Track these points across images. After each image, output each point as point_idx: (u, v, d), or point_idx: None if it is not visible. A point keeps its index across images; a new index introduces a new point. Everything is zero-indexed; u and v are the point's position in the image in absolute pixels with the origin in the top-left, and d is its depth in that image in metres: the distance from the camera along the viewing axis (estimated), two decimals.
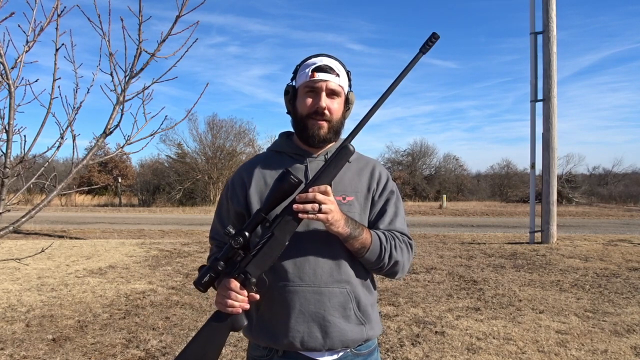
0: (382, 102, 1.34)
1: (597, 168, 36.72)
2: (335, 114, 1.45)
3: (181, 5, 1.63)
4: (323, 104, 1.41)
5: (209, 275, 1.31)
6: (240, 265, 1.31)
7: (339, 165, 1.33)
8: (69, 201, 30.41)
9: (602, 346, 3.85)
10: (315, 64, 1.43)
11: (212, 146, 29.46)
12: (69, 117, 1.71)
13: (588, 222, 16.07)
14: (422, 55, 1.34)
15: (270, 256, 1.30)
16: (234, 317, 1.32)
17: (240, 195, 1.47)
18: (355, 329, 1.40)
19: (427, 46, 1.33)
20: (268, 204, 1.31)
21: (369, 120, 1.36)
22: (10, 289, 5.77)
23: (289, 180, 1.27)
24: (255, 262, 1.30)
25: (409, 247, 1.46)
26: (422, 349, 3.80)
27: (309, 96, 1.43)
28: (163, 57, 1.68)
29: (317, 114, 1.42)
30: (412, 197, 33.38)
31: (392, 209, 1.48)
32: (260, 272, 1.31)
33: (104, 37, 1.64)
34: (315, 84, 1.41)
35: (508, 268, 7.21)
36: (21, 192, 1.70)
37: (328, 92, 1.43)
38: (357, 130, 1.35)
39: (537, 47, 9.90)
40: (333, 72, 1.43)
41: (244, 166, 1.54)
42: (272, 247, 1.29)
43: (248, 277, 1.29)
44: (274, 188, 1.30)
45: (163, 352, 3.73)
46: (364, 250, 1.36)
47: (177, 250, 9.05)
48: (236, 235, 1.29)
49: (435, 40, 1.33)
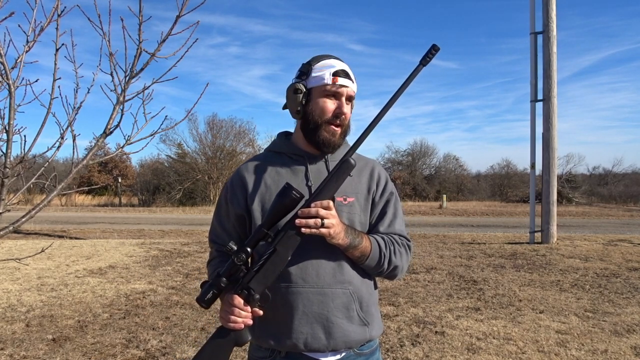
0: (383, 114, 1.35)
1: (597, 168, 36.78)
2: (348, 120, 1.46)
3: (181, 6, 1.63)
4: (347, 111, 1.43)
5: (212, 292, 1.31)
6: (243, 281, 1.30)
7: (340, 179, 1.33)
8: (69, 201, 30.41)
9: (602, 346, 3.85)
10: (333, 67, 1.42)
11: (212, 146, 29.48)
12: (69, 117, 1.71)
13: (588, 222, 16.07)
14: (423, 68, 1.34)
15: (273, 272, 1.30)
16: (237, 332, 1.32)
17: (240, 197, 1.46)
18: (358, 329, 1.40)
19: (427, 58, 1.34)
20: (269, 219, 1.30)
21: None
22: (10, 289, 5.77)
23: (291, 195, 1.27)
24: (258, 278, 1.30)
25: (407, 250, 1.47)
26: (422, 349, 3.80)
27: (331, 101, 1.42)
28: (163, 57, 1.68)
29: (337, 120, 1.42)
30: (412, 197, 33.38)
31: (391, 211, 1.49)
32: (264, 288, 1.30)
33: (104, 37, 1.64)
34: (338, 89, 1.41)
35: (508, 268, 7.21)
36: (21, 192, 1.70)
37: (347, 98, 1.44)
38: (358, 144, 1.35)
39: (537, 47, 9.90)
40: (350, 78, 1.44)
41: (243, 167, 1.52)
42: (274, 263, 1.29)
43: (251, 294, 1.29)
44: (275, 203, 1.29)
45: (163, 352, 3.73)
46: (363, 258, 1.37)
47: (177, 250, 9.05)
48: (238, 252, 1.28)
49: (435, 52, 1.33)
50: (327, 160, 1.48)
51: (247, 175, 1.48)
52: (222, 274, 1.31)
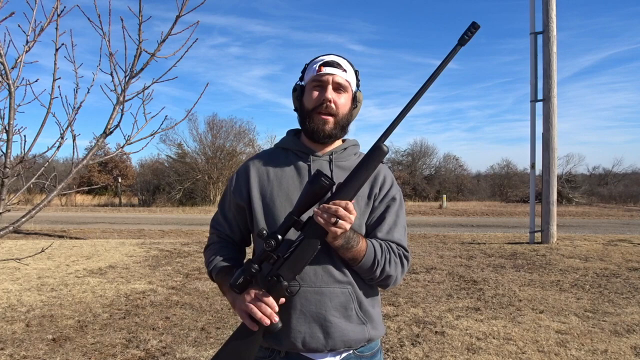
0: (418, 99, 1.27)
1: (597, 168, 36.76)
2: (341, 109, 1.44)
3: (181, 6, 1.63)
4: (329, 96, 1.41)
5: (243, 278, 1.29)
6: (273, 268, 1.29)
7: (370, 167, 1.28)
8: (69, 201, 30.41)
9: (602, 346, 3.85)
10: (322, 60, 1.45)
11: (212, 146, 29.47)
12: (69, 117, 1.71)
13: (588, 222, 16.06)
14: (461, 48, 1.25)
15: (303, 259, 1.28)
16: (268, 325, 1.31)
17: (243, 188, 1.48)
18: (357, 328, 1.39)
19: (465, 37, 1.23)
20: (299, 206, 1.28)
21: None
22: (10, 289, 5.77)
23: (321, 182, 1.24)
24: (288, 265, 1.28)
25: (403, 261, 1.43)
26: (422, 349, 3.80)
27: (316, 90, 1.44)
28: (163, 57, 1.68)
29: (323, 108, 1.42)
30: (412, 197, 33.39)
31: (391, 217, 1.45)
32: (294, 275, 1.29)
33: (104, 37, 1.64)
34: (322, 77, 1.42)
35: (508, 268, 7.21)
36: (21, 192, 1.70)
37: (335, 86, 1.43)
38: (391, 129, 1.28)
39: (537, 47, 9.89)
40: (340, 67, 1.44)
41: (250, 160, 1.55)
42: (304, 250, 1.27)
43: (280, 281, 1.28)
44: (305, 190, 1.28)
45: (163, 352, 3.73)
46: (355, 261, 1.35)
47: (177, 250, 9.04)
48: (268, 238, 1.26)
49: (475, 30, 1.22)
50: (332, 160, 1.48)
51: (252, 168, 1.50)
52: (254, 261, 1.29)
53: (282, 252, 1.28)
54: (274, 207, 1.42)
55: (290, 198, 1.42)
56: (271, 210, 1.42)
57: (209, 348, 3.83)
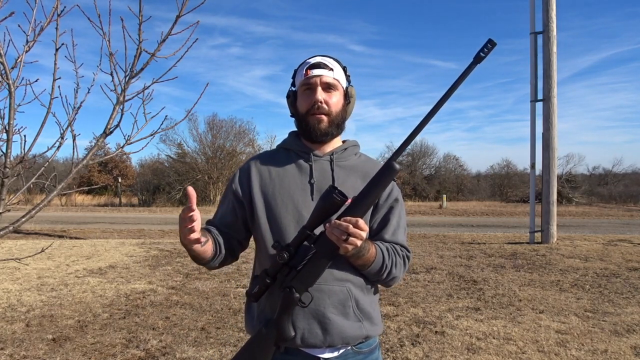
0: (430, 118, 1.26)
1: (597, 168, 36.70)
2: (334, 107, 1.47)
3: (181, 6, 1.63)
4: (319, 97, 1.44)
5: (258, 287, 1.34)
6: (286, 279, 1.32)
7: (382, 185, 1.29)
8: (69, 201, 30.39)
9: (602, 346, 3.85)
10: (309, 63, 1.48)
11: (212, 146, 29.45)
12: (69, 117, 1.71)
13: (588, 222, 16.06)
14: (476, 66, 1.24)
15: (315, 273, 1.30)
16: (280, 329, 1.34)
17: (245, 185, 1.50)
18: (354, 325, 1.41)
19: (481, 54, 1.22)
20: (313, 220, 1.30)
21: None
22: (10, 289, 5.77)
23: (332, 198, 1.24)
24: (300, 278, 1.30)
25: (406, 261, 1.48)
26: (422, 349, 3.80)
27: (306, 94, 1.47)
28: (163, 57, 1.69)
29: (316, 109, 1.44)
30: (412, 197, 33.37)
31: (395, 219, 1.48)
32: (305, 288, 1.31)
33: (104, 37, 1.64)
34: (310, 80, 1.45)
35: (508, 268, 7.21)
36: (21, 192, 1.70)
37: (324, 87, 1.46)
38: (402, 149, 1.28)
39: (537, 47, 9.89)
40: (326, 67, 1.46)
41: (253, 159, 1.57)
42: (315, 265, 1.29)
43: (293, 292, 1.30)
44: (318, 205, 1.28)
45: (163, 352, 3.73)
46: (364, 267, 1.38)
47: (177, 250, 9.04)
48: (282, 251, 1.29)
49: (492, 47, 1.21)
50: (333, 160, 1.49)
51: (254, 167, 1.52)
52: (269, 273, 1.33)
53: (295, 264, 1.31)
54: (276, 204, 1.44)
55: (291, 196, 1.44)
56: (272, 208, 1.44)
57: (209, 348, 3.83)
